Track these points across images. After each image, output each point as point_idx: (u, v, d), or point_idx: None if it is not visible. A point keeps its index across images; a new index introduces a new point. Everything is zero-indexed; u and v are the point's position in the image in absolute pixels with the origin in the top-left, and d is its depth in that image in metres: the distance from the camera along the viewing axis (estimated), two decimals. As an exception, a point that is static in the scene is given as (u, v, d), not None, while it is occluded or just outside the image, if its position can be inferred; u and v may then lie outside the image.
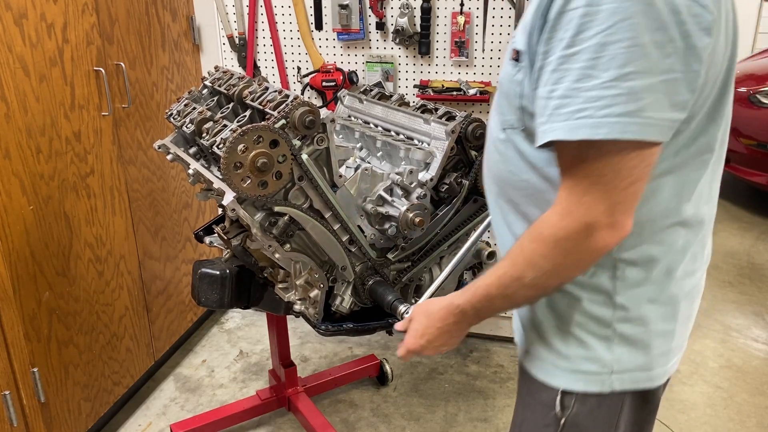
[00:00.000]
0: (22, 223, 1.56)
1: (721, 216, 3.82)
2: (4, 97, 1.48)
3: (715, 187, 0.91)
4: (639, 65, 0.68)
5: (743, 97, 3.74)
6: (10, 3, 1.47)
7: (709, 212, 0.92)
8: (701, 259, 0.97)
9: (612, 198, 0.73)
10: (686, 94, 0.72)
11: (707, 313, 2.78)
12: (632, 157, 0.71)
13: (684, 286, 0.92)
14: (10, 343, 1.54)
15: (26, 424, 1.62)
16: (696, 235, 0.90)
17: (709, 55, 0.72)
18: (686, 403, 2.22)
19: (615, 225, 0.74)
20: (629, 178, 0.73)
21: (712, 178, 0.88)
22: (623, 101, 0.69)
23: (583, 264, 0.79)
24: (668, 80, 0.70)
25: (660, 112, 0.70)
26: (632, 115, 0.69)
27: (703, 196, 0.87)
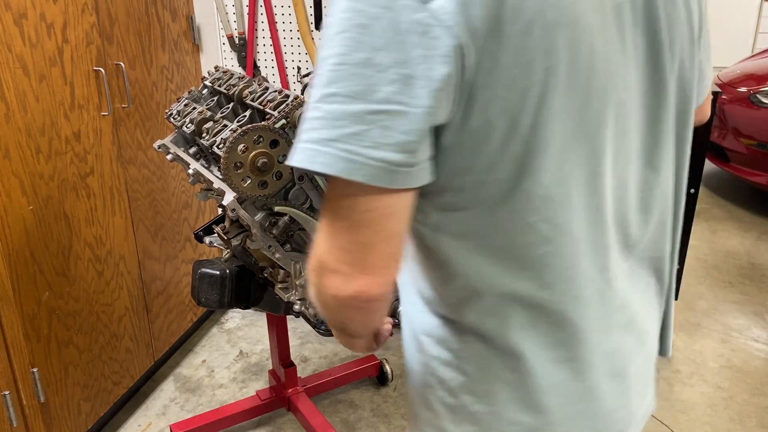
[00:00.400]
0: (22, 223, 1.56)
1: (722, 216, 3.82)
2: (4, 97, 1.48)
3: (582, 268, 0.67)
4: (344, 87, 0.55)
5: (743, 97, 3.74)
6: (10, 3, 1.47)
7: (574, 304, 0.68)
8: (592, 359, 0.71)
9: (334, 241, 0.60)
10: (411, 134, 0.55)
11: (707, 313, 2.78)
12: (347, 196, 0.57)
13: (550, 377, 0.69)
14: (9, 343, 1.54)
15: (26, 424, 1.62)
16: (550, 322, 0.68)
17: (458, 88, 0.56)
18: (686, 403, 2.21)
19: (343, 273, 0.60)
20: (351, 222, 0.58)
21: (569, 252, 0.65)
22: (318, 126, 0.56)
23: (339, 309, 0.63)
24: (383, 111, 0.55)
25: (367, 148, 0.55)
26: (325, 144, 0.55)
27: (550, 273, 0.66)
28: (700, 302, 2.87)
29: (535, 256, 0.65)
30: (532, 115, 0.58)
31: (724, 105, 3.81)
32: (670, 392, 2.27)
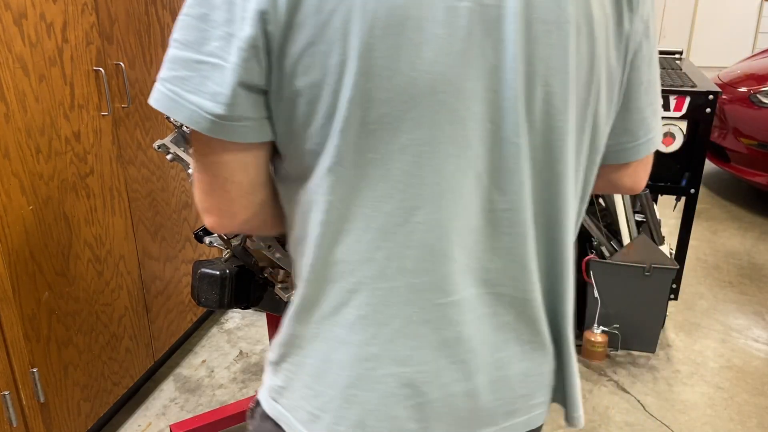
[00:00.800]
0: (22, 223, 1.56)
1: (722, 216, 3.82)
2: (4, 97, 1.48)
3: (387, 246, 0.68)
4: (183, 35, 0.63)
5: (743, 97, 3.74)
6: (10, 3, 1.47)
7: (369, 272, 0.69)
8: (388, 343, 0.71)
9: (195, 182, 0.71)
10: (223, 86, 0.61)
11: (708, 314, 2.78)
12: (195, 142, 0.67)
13: (339, 348, 0.72)
14: (9, 344, 1.54)
15: (26, 425, 1.62)
16: (353, 290, 0.70)
17: (266, 53, 0.61)
18: (687, 404, 2.21)
19: (200, 210, 0.71)
20: (202, 165, 0.68)
21: (378, 226, 0.67)
22: (162, 66, 0.65)
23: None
24: (207, 63, 0.61)
25: (187, 92, 0.62)
26: (160, 82, 0.64)
27: (353, 241, 0.68)
28: (700, 302, 2.87)
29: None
30: (329, 97, 0.62)
31: (724, 105, 3.81)
32: (670, 392, 2.27)
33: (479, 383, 0.73)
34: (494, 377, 0.75)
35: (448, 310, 0.71)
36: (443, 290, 0.70)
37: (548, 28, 0.64)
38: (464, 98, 0.64)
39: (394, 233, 0.68)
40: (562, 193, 0.71)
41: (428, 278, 0.69)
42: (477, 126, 0.65)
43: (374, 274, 0.70)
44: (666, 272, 2.36)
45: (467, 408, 0.74)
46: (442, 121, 0.64)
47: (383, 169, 0.65)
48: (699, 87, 2.37)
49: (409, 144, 0.64)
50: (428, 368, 0.72)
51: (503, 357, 0.75)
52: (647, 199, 2.42)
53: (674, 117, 2.37)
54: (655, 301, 2.41)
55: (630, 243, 2.37)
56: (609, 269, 2.38)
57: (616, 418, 2.14)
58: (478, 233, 0.70)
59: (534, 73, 0.65)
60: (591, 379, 2.34)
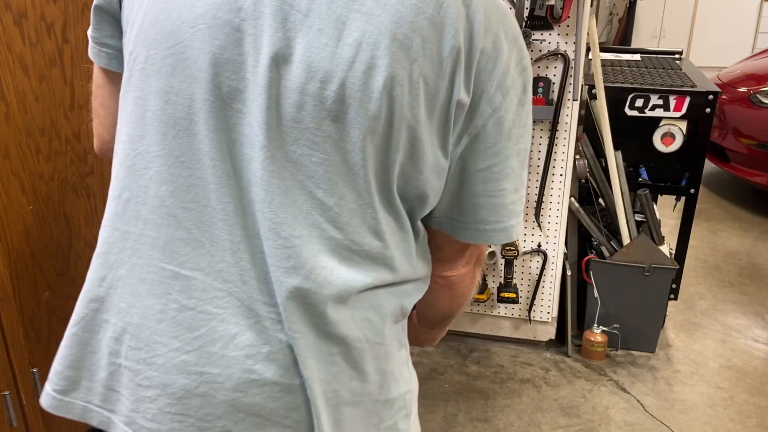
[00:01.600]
0: (22, 224, 1.56)
1: (722, 216, 3.82)
2: (4, 97, 1.48)
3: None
4: None
5: (743, 97, 3.74)
6: (10, 3, 1.47)
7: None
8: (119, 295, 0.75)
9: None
10: (92, 12, 0.82)
11: (707, 313, 2.78)
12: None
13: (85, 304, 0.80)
14: (9, 344, 1.54)
15: (26, 425, 1.62)
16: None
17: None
18: (687, 403, 2.21)
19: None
20: (92, 91, 0.88)
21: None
22: None
23: None
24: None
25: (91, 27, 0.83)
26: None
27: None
28: (700, 302, 2.87)
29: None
30: (129, 32, 0.75)
31: (724, 105, 3.81)
32: (670, 392, 2.27)
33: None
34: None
35: (171, 280, 0.71)
36: (168, 256, 0.71)
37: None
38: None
39: (141, 176, 0.72)
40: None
41: (157, 235, 0.71)
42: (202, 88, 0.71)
43: (117, 212, 0.75)
44: (666, 272, 2.36)
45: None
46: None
47: (142, 109, 0.72)
48: (699, 87, 2.37)
49: (163, 90, 0.71)
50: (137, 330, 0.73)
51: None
52: (647, 199, 2.42)
53: (674, 117, 2.37)
54: (655, 301, 2.41)
55: (630, 243, 2.37)
56: (609, 269, 2.38)
57: (616, 418, 2.14)
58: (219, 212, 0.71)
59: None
60: (591, 379, 2.34)
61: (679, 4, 6.72)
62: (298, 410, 0.70)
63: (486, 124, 0.72)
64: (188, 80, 0.68)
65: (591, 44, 2.23)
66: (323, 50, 0.65)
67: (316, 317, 0.70)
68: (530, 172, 2.29)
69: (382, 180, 0.70)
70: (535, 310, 2.48)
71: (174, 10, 0.69)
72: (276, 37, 0.66)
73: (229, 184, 0.68)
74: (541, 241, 2.38)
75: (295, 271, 0.68)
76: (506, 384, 2.31)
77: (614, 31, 6.19)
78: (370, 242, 0.71)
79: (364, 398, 0.75)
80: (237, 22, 0.67)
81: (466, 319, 2.57)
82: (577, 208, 2.41)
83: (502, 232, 0.78)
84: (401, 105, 0.67)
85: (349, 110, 0.66)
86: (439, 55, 0.67)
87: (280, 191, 0.67)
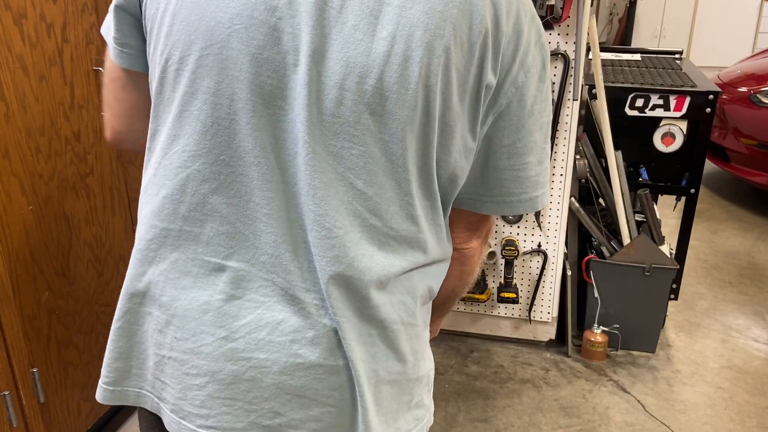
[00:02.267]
0: (22, 224, 1.56)
1: (722, 216, 3.82)
2: (4, 97, 1.48)
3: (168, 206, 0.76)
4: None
5: (743, 97, 3.74)
6: (10, 3, 1.47)
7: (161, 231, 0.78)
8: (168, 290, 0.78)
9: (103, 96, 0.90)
10: (110, 12, 0.81)
11: (708, 314, 2.78)
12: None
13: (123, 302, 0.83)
14: (9, 344, 1.54)
15: (26, 425, 1.62)
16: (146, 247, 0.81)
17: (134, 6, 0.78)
18: (687, 404, 2.21)
19: (105, 123, 0.90)
20: (104, 83, 0.89)
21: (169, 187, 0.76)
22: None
23: None
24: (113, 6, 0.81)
25: (105, 27, 0.84)
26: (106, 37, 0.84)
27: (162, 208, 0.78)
28: (700, 302, 2.87)
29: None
30: (156, 31, 0.75)
31: (724, 105, 3.81)
32: (670, 392, 2.27)
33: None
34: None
35: (217, 272, 0.74)
36: (214, 249, 0.74)
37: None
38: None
39: (176, 175, 0.74)
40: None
41: (200, 231, 0.74)
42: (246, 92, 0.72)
43: (154, 210, 0.77)
44: (666, 272, 2.36)
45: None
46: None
47: (178, 110, 0.73)
48: (699, 87, 2.37)
49: (201, 91, 0.71)
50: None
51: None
52: (647, 199, 2.42)
53: (674, 117, 2.37)
54: (655, 301, 2.41)
55: (630, 243, 2.37)
56: (609, 269, 2.38)
57: (616, 418, 2.14)
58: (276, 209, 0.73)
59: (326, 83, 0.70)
60: (591, 379, 2.34)
61: (679, 4, 6.72)
62: (341, 390, 0.74)
63: (510, 103, 0.74)
64: (228, 80, 0.69)
65: (591, 44, 2.23)
66: (359, 45, 0.67)
67: (359, 302, 0.73)
68: (530, 172, 2.29)
69: (421, 167, 0.73)
70: (535, 310, 2.48)
71: (207, 11, 0.69)
72: (312, 35, 0.67)
73: (273, 179, 0.71)
74: (541, 241, 2.38)
75: (338, 260, 0.71)
76: (506, 384, 2.31)
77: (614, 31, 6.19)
78: (407, 227, 0.75)
79: (400, 377, 0.79)
80: (273, 21, 0.68)
81: (466, 319, 2.57)
82: (578, 208, 2.40)
83: (528, 202, 0.81)
84: (436, 94, 0.69)
85: (387, 103, 0.68)
86: (469, 41, 0.69)
87: (322, 184, 0.69)
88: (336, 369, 0.74)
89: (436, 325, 1.11)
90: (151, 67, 0.77)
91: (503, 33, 0.71)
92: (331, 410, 0.75)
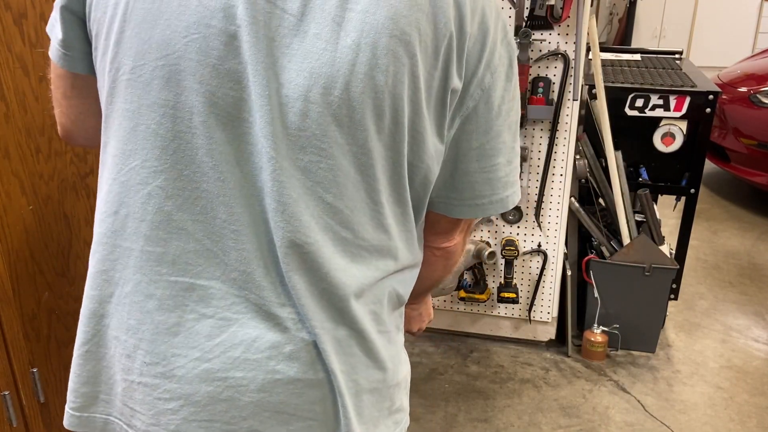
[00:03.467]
0: (22, 223, 1.56)
1: (722, 216, 3.82)
2: (4, 97, 1.48)
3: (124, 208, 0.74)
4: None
5: (743, 97, 3.74)
6: (10, 3, 1.47)
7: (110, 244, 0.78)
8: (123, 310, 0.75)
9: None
10: (55, 11, 0.78)
11: (708, 313, 2.78)
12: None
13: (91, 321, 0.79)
14: (9, 344, 1.54)
15: (26, 425, 1.62)
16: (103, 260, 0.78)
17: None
18: (687, 404, 2.21)
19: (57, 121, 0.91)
20: (52, 81, 0.87)
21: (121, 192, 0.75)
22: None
23: None
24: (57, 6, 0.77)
25: (52, 26, 0.80)
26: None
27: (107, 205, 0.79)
28: (700, 302, 2.87)
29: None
30: (104, 38, 0.73)
31: (724, 105, 3.81)
32: (670, 392, 2.27)
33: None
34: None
35: (186, 292, 0.71)
36: (182, 268, 0.71)
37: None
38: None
39: (137, 192, 0.71)
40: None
41: (164, 250, 0.71)
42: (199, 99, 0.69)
43: (116, 229, 0.75)
44: (666, 272, 2.36)
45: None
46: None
47: (132, 122, 0.70)
48: (699, 87, 2.37)
49: (158, 104, 0.68)
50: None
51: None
52: (647, 199, 2.42)
53: (674, 117, 2.37)
54: (655, 301, 2.41)
55: (630, 243, 2.37)
56: (609, 269, 2.38)
57: (616, 418, 2.14)
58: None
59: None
60: (591, 379, 2.34)
61: (679, 4, 6.72)
62: (322, 402, 0.73)
63: (477, 105, 0.72)
64: (186, 92, 0.66)
65: (591, 44, 2.23)
66: (323, 55, 0.64)
67: (336, 314, 0.72)
68: (530, 172, 2.29)
69: (391, 175, 0.71)
70: (535, 310, 2.48)
71: (161, 18, 0.66)
72: (272, 46, 0.64)
73: (239, 195, 0.68)
74: (541, 241, 2.38)
75: (312, 274, 0.69)
76: (506, 384, 2.31)
77: (614, 31, 6.19)
78: (379, 237, 0.73)
79: (380, 384, 0.78)
80: (233, 30, 0.64)
81: (466, 319, 2.57)
82: (577, 208, 2.40)
83: (498, 203, 0.80)
84: (404, 102, 0.67)
85: (354, 114, 0.66)
86: (434, 45, 0.67)
87: (291, 200, 0.67)
88: (316, 382, 0.72)
89: (427, 306, 1.11)
90: (99, 75, 0.74)
91: (468, 34, 0.68)
92: (312, 424, 0.73)
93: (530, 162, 2.28)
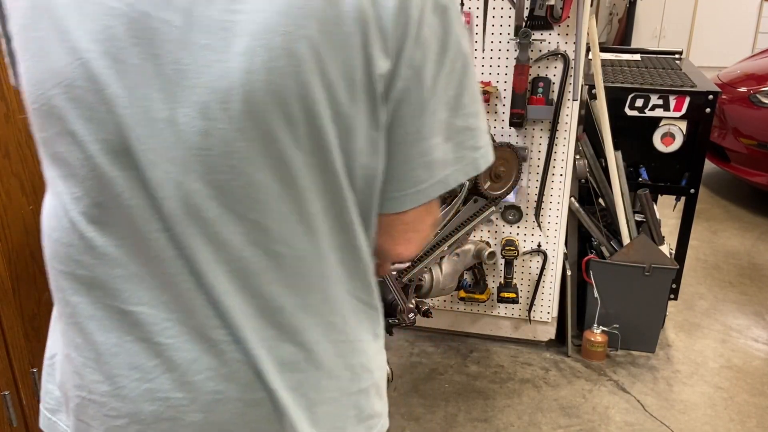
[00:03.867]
0: (22, 223, 1.56)
1: (722, 216, 3.82)
2: (4, 97, 1.48)
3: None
4: None
5: (743, 97, 3.74)
6: (10, 3, 1.47)
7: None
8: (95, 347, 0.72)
9: None
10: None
11: (708, 313, 2.78)
12: None
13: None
14: (9, 344, 1.54)
15: (26, 425, 1.62)
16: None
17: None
18: (687, 404, 2.21)
19: None
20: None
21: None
22: None
23: None
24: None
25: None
26: None
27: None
28: (700, 302, 2.87)
29: None
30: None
31: (724, 105, 3.81)
32: (670, 392, 2.27)
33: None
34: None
35: (120, 315, 0.69)
36: (111, 294, 0.69)
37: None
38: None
39: (63, 217, 0.70)
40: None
41: (93, 275, 0.69)
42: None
43: (55, 252, 0.72)
44: (666, 272, 2.36)
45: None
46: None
47: (53, 149, 0.67)
48: (699, 87, 2.37)
49: (67, 132, 0.65)
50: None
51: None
52: (647, 199, 2.42)
53: (674, 117, 2.37)
54: (655, 301, 2.41)
55: (630, 243, 2.37)
56: (609, 269, 2.38)
57: (616, 418, 2.14)
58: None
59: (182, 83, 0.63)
60: (591, 379, 2.34)
61: (679, 4, 6.72)
62: (267, 421, 0.71)
63: (408, 87, 0.65)
64: (81, 121, 0.64)
65: (591, 44, 2.23)
66: (215, 67, 0.59)
67: (277, 331, 0.69)
68: (530, 172, 2.29)
69: (323, 183, 0.66)
70: (535, 310, 2.48)
71: (48, 39, 0.65)
72: (159, 63, 0.60)
73: (153, 219, 0.64)
74: (541, 241, 2.38)
75: (245, 294, 0.67)
76: (506, 384, 2.31)
77: (614, 31, 6.19)
78: (316, 248, 0.70)
79: (338, 394, 0.75)
80: (114, 52, 0.60)
81: (466, 319, 2.57)
82: (577, 208, 2.41)
83: (439, 184, 0.72)
84: (317, 103, 0.61)
85: (260, 125, 0.60)
86: (342, 32, 0.59)
87: (210, 222, 0.64)
88: (257, 401, 0.70)
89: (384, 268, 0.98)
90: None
91: (384, 8, 0.60)
92: None
93: (530, 162, 2.28)
